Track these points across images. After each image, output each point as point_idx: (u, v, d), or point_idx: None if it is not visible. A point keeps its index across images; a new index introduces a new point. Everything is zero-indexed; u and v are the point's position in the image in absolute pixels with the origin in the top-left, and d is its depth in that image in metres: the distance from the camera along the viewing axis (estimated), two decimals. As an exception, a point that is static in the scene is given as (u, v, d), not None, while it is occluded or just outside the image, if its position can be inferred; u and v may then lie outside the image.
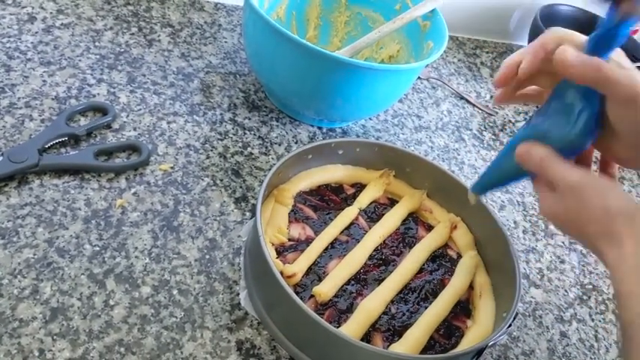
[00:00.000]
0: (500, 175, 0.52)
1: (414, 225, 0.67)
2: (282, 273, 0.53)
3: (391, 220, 0.66)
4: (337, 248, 0.61)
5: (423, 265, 0.63)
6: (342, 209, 0.65)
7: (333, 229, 0.62)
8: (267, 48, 0.72)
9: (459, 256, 0.66)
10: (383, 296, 0.57)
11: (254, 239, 0.54)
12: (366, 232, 0.64)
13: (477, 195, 0.57)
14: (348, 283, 0.58)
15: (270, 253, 0.52)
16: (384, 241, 0.64)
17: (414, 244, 0.64)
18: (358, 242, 0.62)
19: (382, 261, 0.62)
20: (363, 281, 0.59)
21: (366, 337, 0.55)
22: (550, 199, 0.45)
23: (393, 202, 0.69)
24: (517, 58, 0.48)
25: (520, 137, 0.48)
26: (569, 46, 0.43)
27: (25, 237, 0.56)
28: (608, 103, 0.43)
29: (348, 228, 0.64)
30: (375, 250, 0.62)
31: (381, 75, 0.71)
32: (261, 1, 0.82)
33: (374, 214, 0.67)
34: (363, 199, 0.67)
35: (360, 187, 0.69)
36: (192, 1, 0.94)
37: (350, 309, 0.56)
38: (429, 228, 0.68)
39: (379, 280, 0.59)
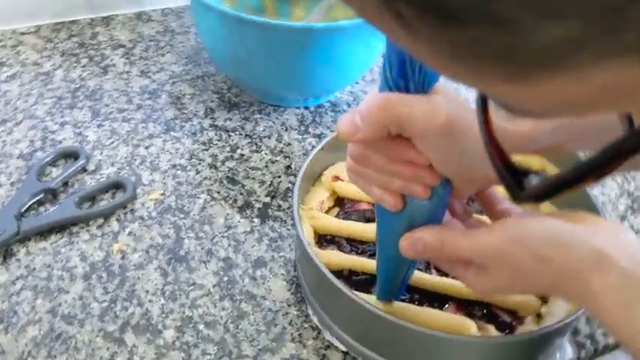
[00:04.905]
0: (397, 273, 0.45)
1: None
2: None
3: None
4: None
5: None
6: None
7: None
8: (226, 39, 0.65)
9: None
10: None
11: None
12: None
13: (389, 301, 0.48)
14: None
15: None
16: None
17: None
18: None
19: None
20: None
21: None
22: (475, 278, 0.39)
23: None
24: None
25: (386, 235, 0.42)
26: (348, 115, 0.36)
27: (25, 314, 0.51)
28: (417, 145, 0.37)
29: None
30: None
31: (356, 34, 0.65)
32: (207, -8, 0.75)
33: None
34: None
35: None
36: (137, 14, 0.87)
37: None
38: None
39: None
